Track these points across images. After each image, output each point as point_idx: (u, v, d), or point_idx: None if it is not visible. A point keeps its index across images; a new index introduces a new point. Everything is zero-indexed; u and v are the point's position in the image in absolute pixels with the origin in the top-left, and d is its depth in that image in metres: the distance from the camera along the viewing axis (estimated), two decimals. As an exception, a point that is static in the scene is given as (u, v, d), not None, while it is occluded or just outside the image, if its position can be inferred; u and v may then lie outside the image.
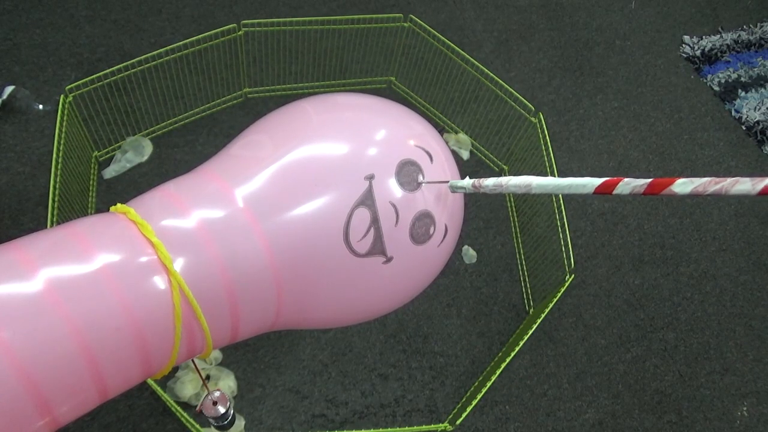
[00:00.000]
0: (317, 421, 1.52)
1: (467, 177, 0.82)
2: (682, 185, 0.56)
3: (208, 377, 1.48)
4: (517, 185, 0.72)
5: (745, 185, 0.51)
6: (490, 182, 0.77)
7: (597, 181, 0.63)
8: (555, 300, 1.54)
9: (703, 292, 1.96)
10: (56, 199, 1.36)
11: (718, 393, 1.79)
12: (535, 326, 1.51)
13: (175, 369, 1.48)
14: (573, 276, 1.57)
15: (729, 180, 0.52)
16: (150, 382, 1.30)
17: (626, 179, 0.60)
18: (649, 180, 0.58)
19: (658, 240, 2.02)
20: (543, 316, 1.52)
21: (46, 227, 1.32)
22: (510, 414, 1.62)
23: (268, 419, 1.49)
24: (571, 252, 1.60)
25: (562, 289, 1.55)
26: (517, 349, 1.47)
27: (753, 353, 1.88)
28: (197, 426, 1.32)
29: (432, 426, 1.52)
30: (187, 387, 1.44)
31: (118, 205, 0.70)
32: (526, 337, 1.49)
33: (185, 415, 1.34)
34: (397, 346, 1.65)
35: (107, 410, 1.42)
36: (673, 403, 1.74)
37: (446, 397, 1.61)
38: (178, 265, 0.65)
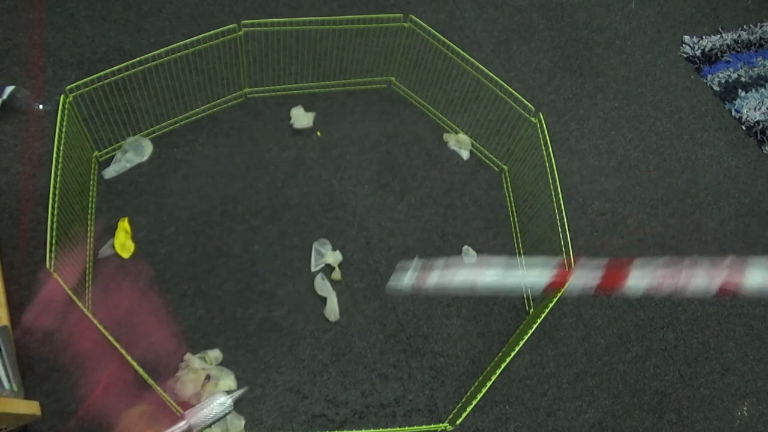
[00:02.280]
0: (317, 421, 1.52)
1: (411, 269, 0.79)
2: (637, 279, 0.55)
3: (208, 377, 1.48)
4: (462, 282, 0.70)
5: (701, 282, 0.50)
6: (434, 277, 0.75)
7: (550, 272, 0.62)
8: (555, 300, 1.54)
9: (703, 292, 1.96)
10: (56, 199, 1.36)
11: (718, 393, 1.79)
12: (535, 326, 1.51)
13: (176, 369, 1.48)
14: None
15: (682, 277, 0.52)
16: (150, 381, 1.30)
17: (576, 272, 0.59)
18: (599, 279, 0.57)
19: (658, 240, 2.02)
20: (543, 316, 1.52)
21: (46, 227, 1.32)
22: (510, 414, 1.62)
23: (268, 419, 1.49)
24: (571, 252, 1.60)
25: (563, 289, 1.55)
26: (517, 349, 1.47)
27: (753, 353, 1.88)
28: (197, 426, 1.32)
29: (432, 426, 1.52)
30: (187, 387, 1.44)
31: None
32: (526, 337, 1.49)
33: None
34: (397, 346, 1.65)
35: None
36: (673, 403, 1.74)
37: (446, 397, 1.61)
38: None
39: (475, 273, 0.70)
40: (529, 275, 0.65)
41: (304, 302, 1.66)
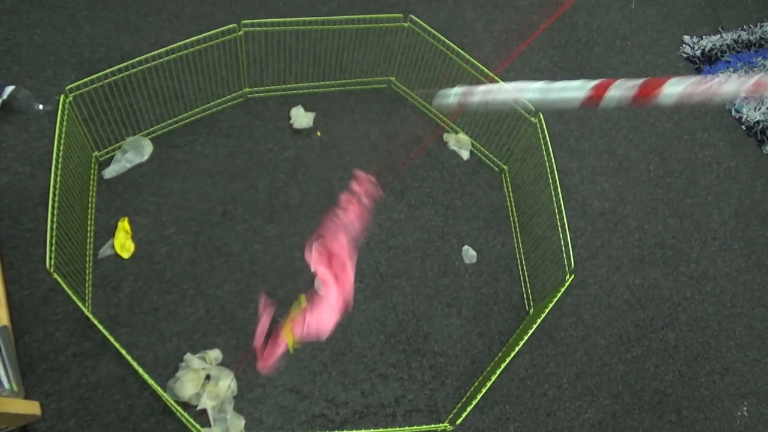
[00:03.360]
0: (317, 421, 1.52)
1: (457, 86, 0.82)
2: (673, 86, 0.57)
3: (208, 377, 1.48)
4: (507, 91, 0.71)
5: (732, 84, 0.53)
6: (480, 90, 0.76)
7: (591, 84, 0.64)
8: (555, 300, 1.54)
9: (703, 292, 1.96)
10: (56, 199, 1.36)
11: (718, 393, 1.79)
12: (535, 326, 1.51)
13: (176, 368, 1.49)
14: (573, 276, 1.57)
15: (716, 81, 0.54)
16: (150, 381, 1.30)
17: (618, 81, 0.61)
18: (641, 81, 0.60)
19: (658, 240, 2.02)
20: (543, 316, 1.52)
21: (46, 227, 1.32)
22: (510, 414, 1.62)
23: (268, 419, 1.49)
24: (571, 252, 1.60)
25: (562, 289, 1.55)
26: (517, 349, 1.47)
27: (753, 353, 1.88)
28: (197, 426, 1.32)
29: (432, 426, 1.52)
30: (187, 387, 1.44)
31: None
32: (526, 337, 1.49)
33: (185, 414, 1.34)
34: (397, 346, 1.65)
35: (107, 410, 1.42)
36: (673, 403, 1.74)
37: (446, 397, 1.61)
38: None
39: (517, 91, 0.70)
40: (569, 90, 0.66)
41: (304, 302, 1.66)
